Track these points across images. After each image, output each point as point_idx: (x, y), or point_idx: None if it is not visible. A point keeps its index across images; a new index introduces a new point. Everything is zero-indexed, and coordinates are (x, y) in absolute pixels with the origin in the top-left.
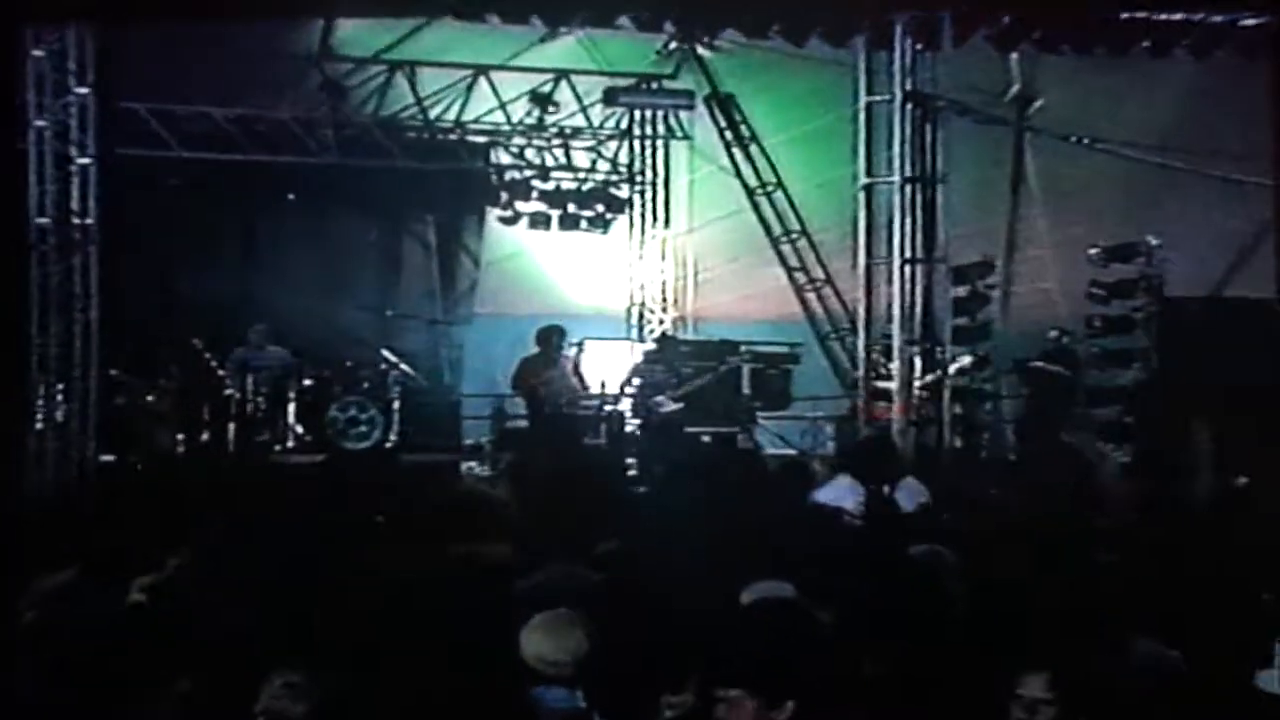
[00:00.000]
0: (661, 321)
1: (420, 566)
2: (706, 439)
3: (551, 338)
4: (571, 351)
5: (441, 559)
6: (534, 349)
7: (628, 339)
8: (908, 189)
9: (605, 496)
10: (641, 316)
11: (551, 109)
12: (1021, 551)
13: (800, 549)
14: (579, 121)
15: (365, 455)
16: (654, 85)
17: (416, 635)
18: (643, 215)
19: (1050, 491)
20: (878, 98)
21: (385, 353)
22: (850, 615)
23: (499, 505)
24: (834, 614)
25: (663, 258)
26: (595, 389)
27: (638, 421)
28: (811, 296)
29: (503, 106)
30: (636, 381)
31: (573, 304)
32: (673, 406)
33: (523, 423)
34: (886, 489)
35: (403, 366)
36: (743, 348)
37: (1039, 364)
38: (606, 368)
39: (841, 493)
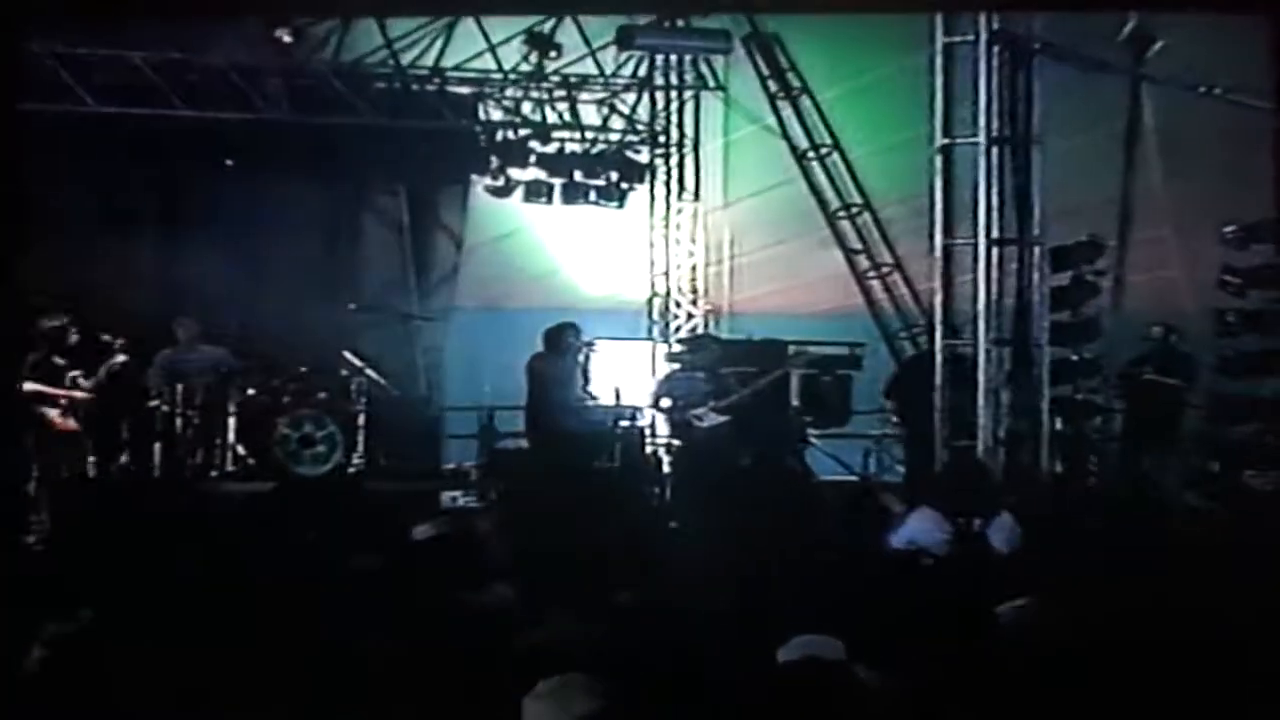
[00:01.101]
0: (690, 316)
1: (393, 623)
2: (746, 462)
3: (564, 337)
4: (581, 353)
5: (419, 613)
6: (539, 350)
7: (649, 339)
8: (995, 152)
9: (622, 534)
10: (666, 311)
11: (552, 54)
12: (1146, 612)
13: (860, 598)
14: (587, 68)
15: (323, 483)
16: (680, 24)
17: (388, 713)
18: (666, 185)
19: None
20: (958, 38)
21: (347, 355)
22: (913, 685)
23: (491, 545)
24: (892, 681)
25: (692, 238)
26: (608, 399)
27: (668, 439)
28: (876, 285)
29: (492, 50)
30: (666, 391)
31: (580, 295)
32: (715, 420)
33: (518, 441)
34: (977, 524)
35: (368, 372)
36: (792, 349)
37: (1148, 375)
38: (622, 373)
39: (921, 529)
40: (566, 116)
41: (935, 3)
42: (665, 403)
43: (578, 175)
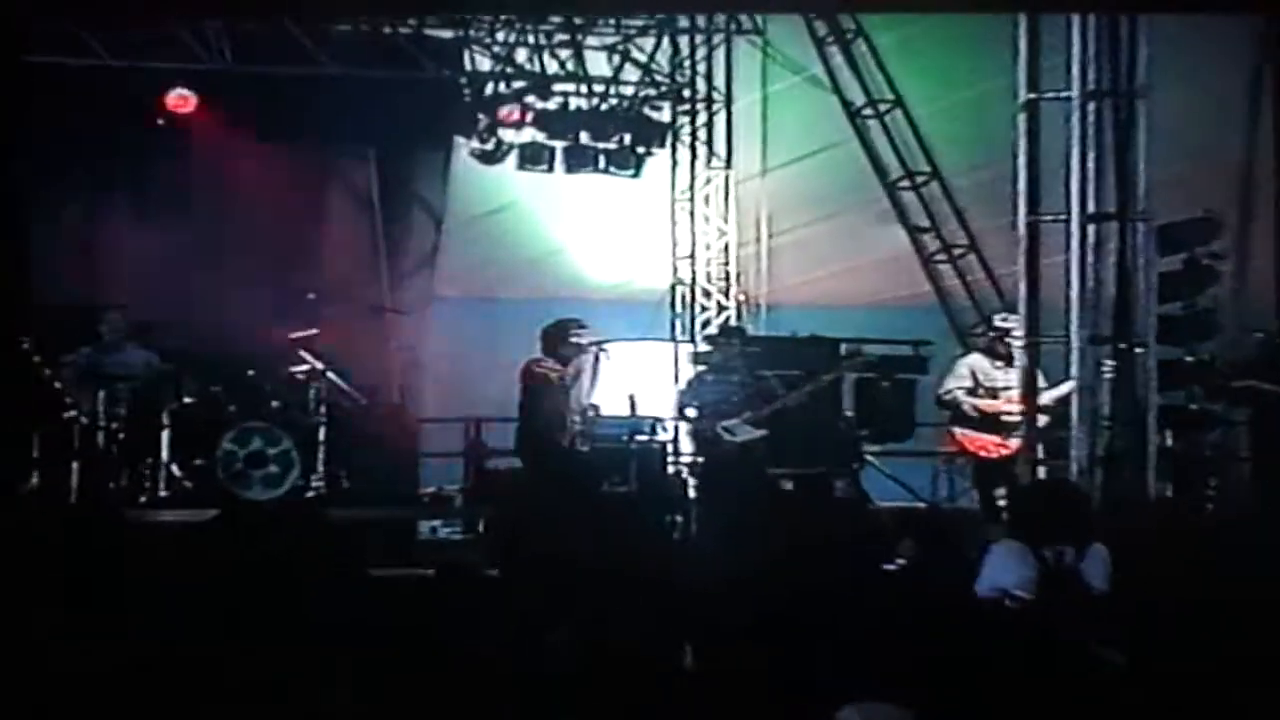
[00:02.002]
0: (721, 309)
1: (366, 681)
2: (788, 486)
3: (567, 336)
4: (588, 357)
5: (399, 669)
6: (537, 353)
7: (671, 337)
8: (1091, 109)
9: (637, 574)
10: (691, 302)
11: None
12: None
13: (929, 652)
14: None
15: (276, 509)
16: None
17: None
18: (691, 149)
19: None
20: None
21: (305, 355)
22: None
23: (481, 583)
24: None
25: (722, 214)
26: (621, 409)
27: (693, 457)
28: (946, 270)
29: None
30: (691, 399)
31: (587, 283)
32: (750, 434)
33: (511, 461)
34: (1069, 558)
35: (330, 376)
36: (844, 348)
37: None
38: (638, 378)
39: (1002, 566)
40: (570, 66)
41: None
42: (690, 413)
43: (584, 137)
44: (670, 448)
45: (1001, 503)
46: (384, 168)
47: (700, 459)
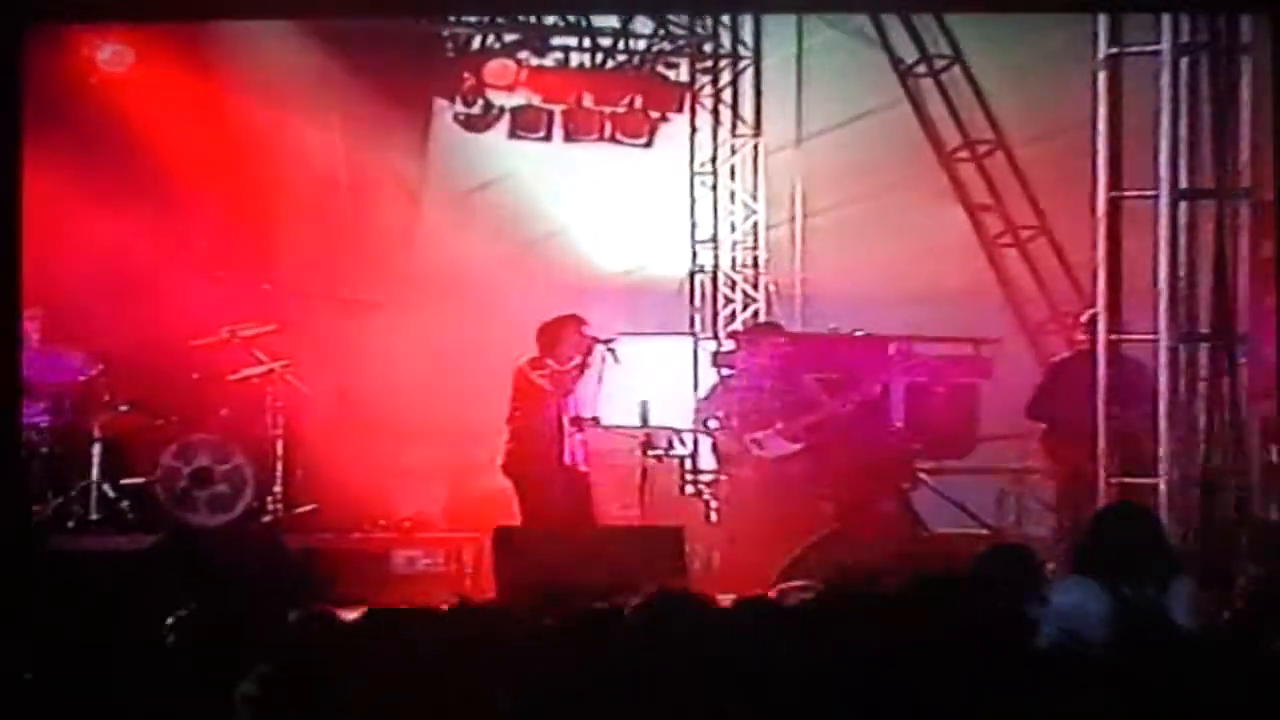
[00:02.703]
0: (748, 300)
1: None
2: (829, 507)
3: (566, 332)
4: (592, 357)
5: None
6: (533, 355)
7: (690, 333)
8: (1185, 66)
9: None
10: (714, 292)
11: None
12: None
13: (988, 707)
14: None
15: (226, 536)
16: None
17: None
18: (714, 114)
19: None
20: None
21: (259, 356)
22: None
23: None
24: None
25: (751, 190)
26: (631, 419)
27: (715, 475)
28: (1011, 255)
29: None
30: (714, 407)
31: (592, 270)
32: (784, 448)
33: (502, 482)
34: (1150, 595)
35: (289, 379)
36: (892, 347)
37: None
38: (651, 383)
39: (1075, 603)
40: (571, 16)
41: None
42: (713, 423)
43: (587, 100)
44: (689, 465)
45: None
46: (350, 135)
47: (724, 477)
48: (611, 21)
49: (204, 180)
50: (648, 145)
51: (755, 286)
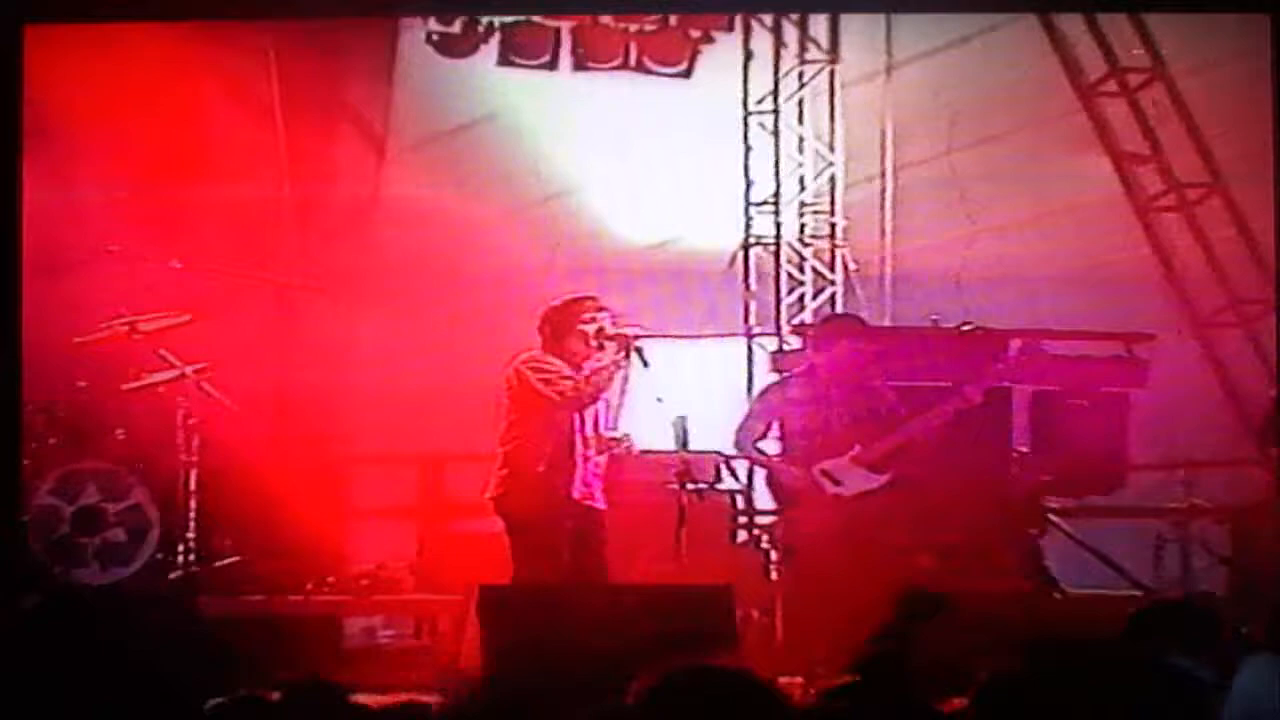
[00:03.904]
0: (822, 283)
1: None
2: (926, 563)
3: (578, 325)
4: (612, 358)
5: None
6: (534, 353)
7: (743, 331)
8: None
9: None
10: (775, 272)
11: None
12: None
13: None
14: None
15: (123, 599)
16: None
17: None
18: (775, 33)
19: None
20: None
21: (165, 356)
22: None
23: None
24: None
25: (827, 138)
26: (664, 441)
27: (774, 517)
28: (1172, 222)
29: None
30: (771, 424)
31: (610, 242)
32: (864, 482)
33: (493, 524)
34: None
35: (206, 388)
36: (1014, 346)
37: None
38: (691, 393)
39: (1261, 688)
40: None
41: None
42: (771, 447)
43: (604, 16)
44: (741, 503)
45: None
46: (289, 62)
47: (790, 523)
48: None
49: (91, 125)
50: (686, 75)
51: (831, 265)
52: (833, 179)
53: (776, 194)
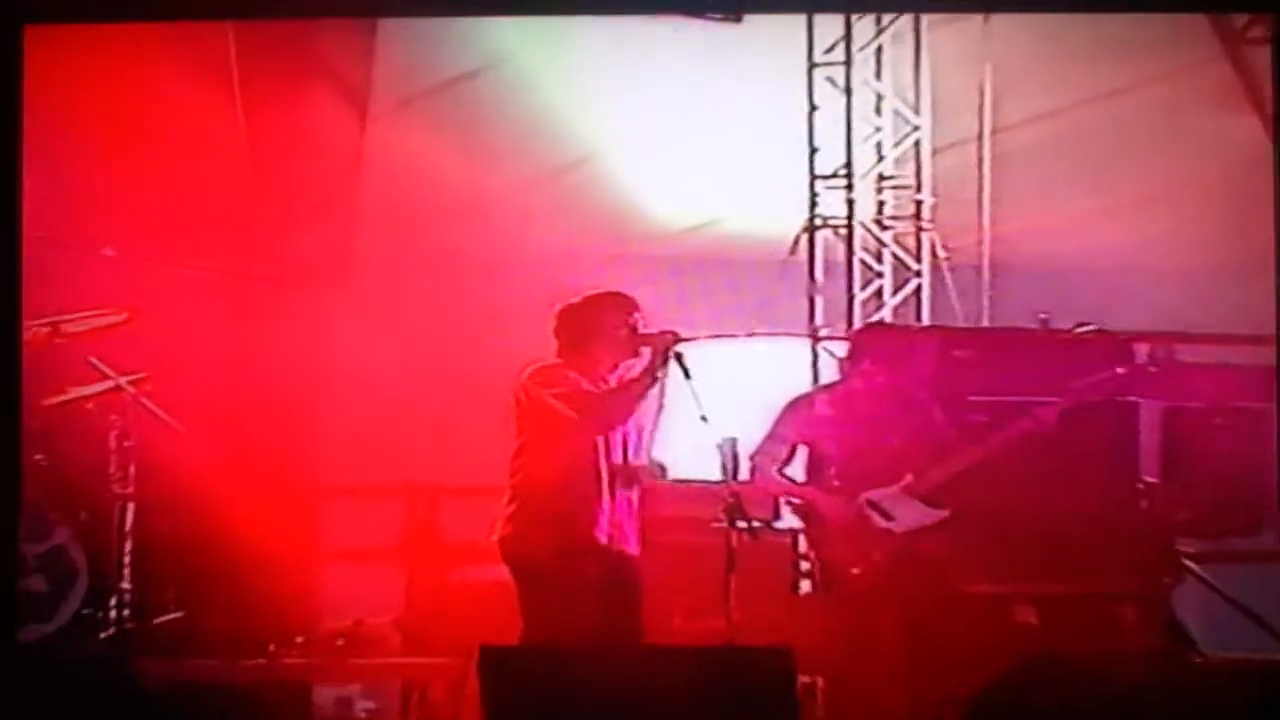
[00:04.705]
0: (907, 273)
1: None
2: (1027, 618)
3: (599, 329)
4: (647, 365)
5: None
6: (548, 361)
7: (809, 333)
8: None
9: None
10: (849, 260)
11: None
12: None
13: None
14: None
15: (44, 661)
16: None
17: None
18: None
19: None
20: None
21: (96, 365)
22: None
23: None
24: None
25: (912, 100)
26: (707, 464)
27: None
28: None
29: None
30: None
31: (645, 225)
32: (919, 515)
33: (496, 572)
34: None
35: (144, 403)
36: (1142, 351)
37: None
38: (740, 407)
39: None
40: None
41: None
42: (799, 474)
43: None
44: (804, 544)
45: None
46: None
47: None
48: None
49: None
50: (737, 19)
51: (915, 252)
52: (918, 146)
53: (848, 164)
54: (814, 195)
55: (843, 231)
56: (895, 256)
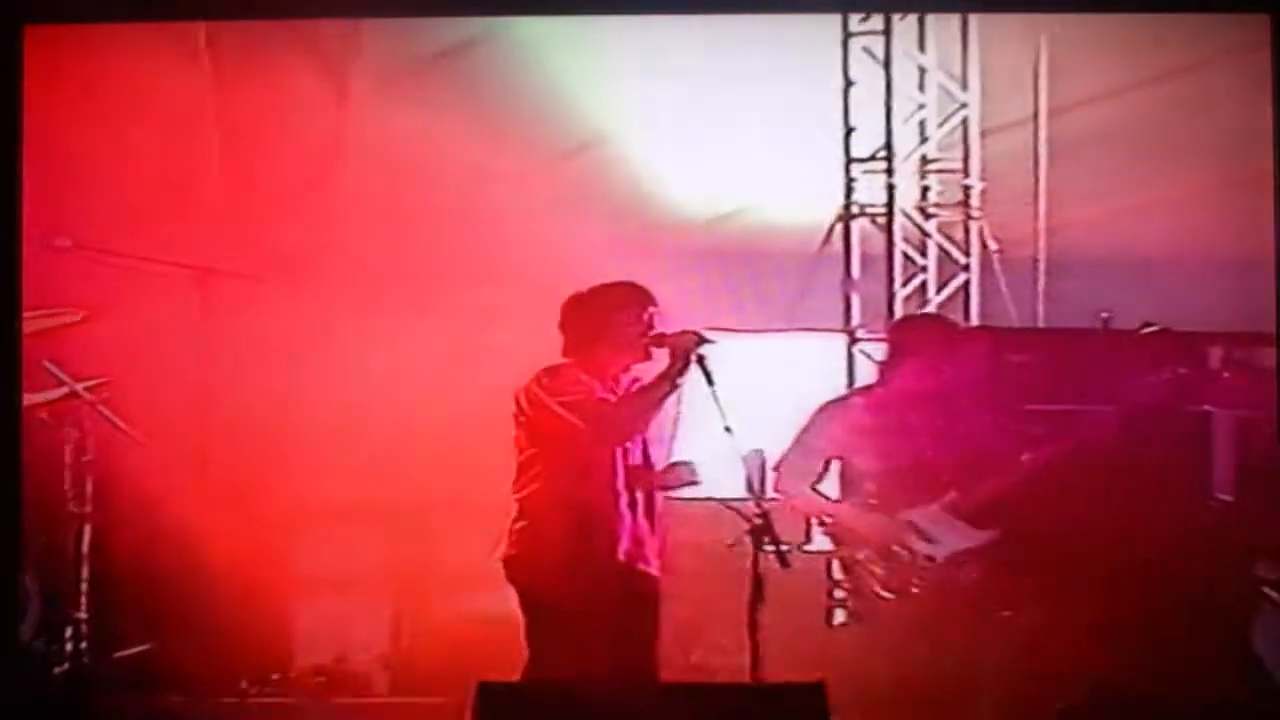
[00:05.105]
0: (952, 269)
1: None
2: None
3: (612, 328)
4: (666, 369)
5: None
6: (554, 363)
7: (844, 329)
8: None
9: None
10: (889, 250)
11: None
12: None
13: None
14: None
15: None
16: None
17: None
18: None
19: None
20: None
21: (49, 368)
22: None
23: None
24: None
25: (961, 75)
26: (731, 480)
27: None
28: None
29: None
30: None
31: (663, 213)
32: (971, 537)
33: (503, 603)
34: None
35: (104, 412)
36: (1216, 354)
37: None
38: (770, 413)
39: None
40: None
41: None
42: (832, 493)
43: None
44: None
45: None
46: None
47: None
48: None
49: None
50: None
51: (963, 244)
52: (965, 125)
53: (888, 146)
54: (850, 180)
55: (882, 220)
56: (940, 248)
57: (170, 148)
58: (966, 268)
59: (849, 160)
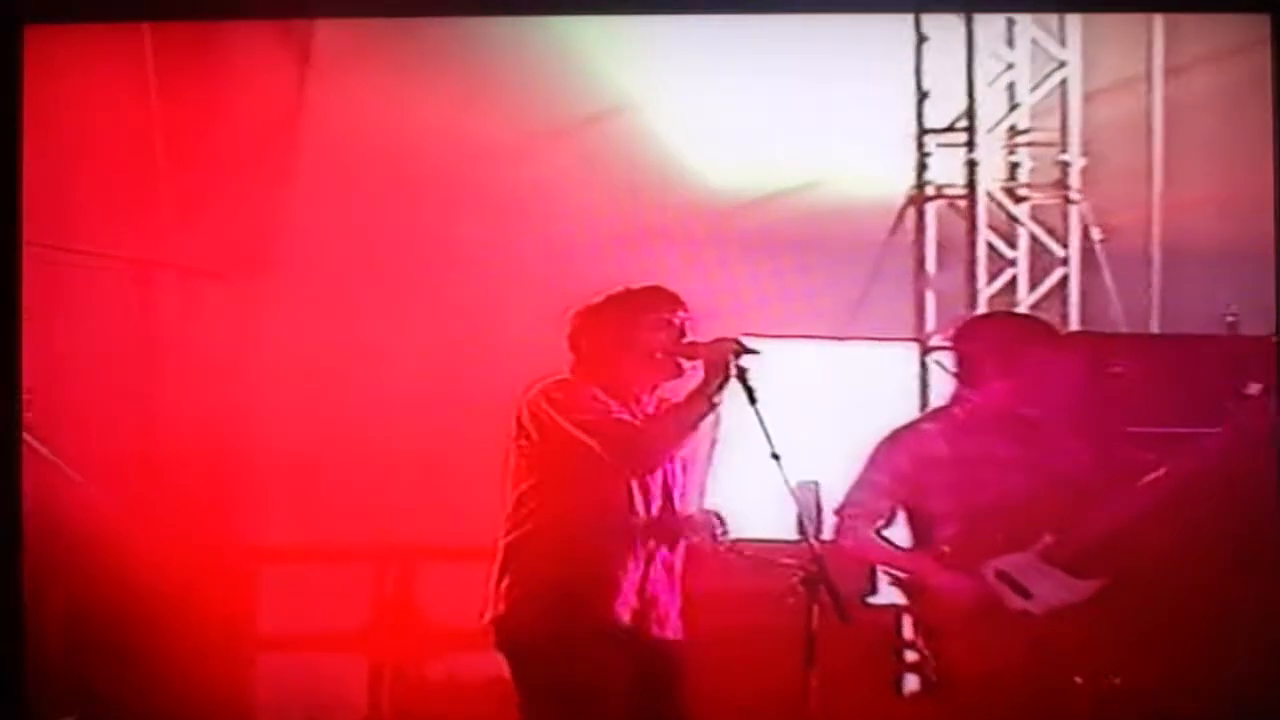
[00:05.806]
0: (1049, 262)
1: None
2: None
3: (635, 334)
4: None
5: None
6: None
7: (915, 338)
8: None
9: None
10: (970, 239)
11: None
12: None
13: None
14: None
15: None
16: None
17: None
18: None
19: None
20: None
21: None
22: None
23: None
24: None
25: (1058, 31)
26: (780, 518)
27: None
28: None
29: None
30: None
31: (695, 194)
32: (1068, 594)
33: (484, 662)
34: None
35: (28, 439)
36: None
37: None
38: (821, 445)
39: None
40: None
41: None
42: (899, 537)
43: None
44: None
45: None
46: None
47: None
48: None
49: None
50: None
51: (1063, 232)
52: (1064, 89)
53: (970, 115)
54: (923, 155)
55: (962, 204)
56: (1033, 237)
57: (103, 118)
58: (1065, 260)
59: (922, 131)
